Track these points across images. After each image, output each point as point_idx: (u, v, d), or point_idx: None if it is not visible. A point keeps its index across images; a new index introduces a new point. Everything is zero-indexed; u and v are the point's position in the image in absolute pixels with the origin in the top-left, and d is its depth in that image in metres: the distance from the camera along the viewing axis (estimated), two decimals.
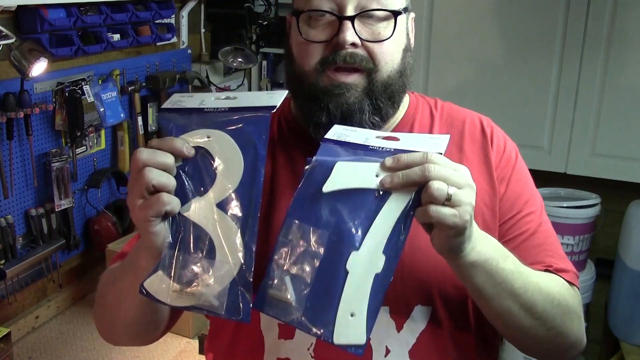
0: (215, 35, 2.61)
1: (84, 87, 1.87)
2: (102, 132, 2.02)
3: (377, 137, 0.81)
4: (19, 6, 1.62)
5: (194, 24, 2.48)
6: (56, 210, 1.84)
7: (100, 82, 1.95)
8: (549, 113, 2.21)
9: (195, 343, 1.79)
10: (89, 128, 1.92)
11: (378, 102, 0.92)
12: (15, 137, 1.70)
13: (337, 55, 0.90)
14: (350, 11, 0.90)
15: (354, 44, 0.90)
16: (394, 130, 0.99)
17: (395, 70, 0.93)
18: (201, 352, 1.76)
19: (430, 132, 1.01)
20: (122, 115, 2.02)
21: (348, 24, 0.89)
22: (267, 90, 2.72)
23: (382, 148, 0.79)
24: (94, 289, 2.01)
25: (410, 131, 1.01)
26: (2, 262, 1.69)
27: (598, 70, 2.11)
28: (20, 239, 1.78)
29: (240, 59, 2.58)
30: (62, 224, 1.89)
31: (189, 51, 2.43)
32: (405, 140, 0.80)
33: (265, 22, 2.70)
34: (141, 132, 2.15)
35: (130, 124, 2.11)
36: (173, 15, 2.26)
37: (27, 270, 1.79)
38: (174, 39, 2.29)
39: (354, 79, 0.91)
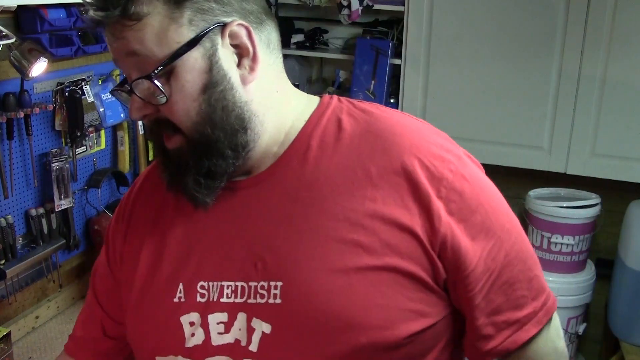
0: None
1: (84, 87, 1.87)
2: (102, 132, 2.02)
3: None
4: (19, 6, 1.62)
5: None
6: (56, 210, 1.84)
7: (100, 82, 1.94)
8: (549, 113, 2.21)
9: None
10: (89, 128, 1.92)
11: (200, 162, 0.79)
12: (15, 137, 1.70)
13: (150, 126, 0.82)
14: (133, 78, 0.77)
15: (145, 116, 0.79)
16: (278, 163, 0.83)
17: (194, 122, 0.77)
18: None
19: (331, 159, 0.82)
20: (122, 115, 2.02)
21: (133, 97, 0.77)
22: None
23: None
24: None
25: (303, 160, 0.82)
26: (2, 262, 1.69)
27: (598, 70, 2.11)
28: (20, 239, 1.78)
29: None
30: (62, 224, 1.89)
31: None
32: None
33: None
34: (141, 132, 2.15)
35: (130, 124, 2.11)
36: None
37: (27, 270, 1.79)
38: None
39: (173, 143, 0.80)
